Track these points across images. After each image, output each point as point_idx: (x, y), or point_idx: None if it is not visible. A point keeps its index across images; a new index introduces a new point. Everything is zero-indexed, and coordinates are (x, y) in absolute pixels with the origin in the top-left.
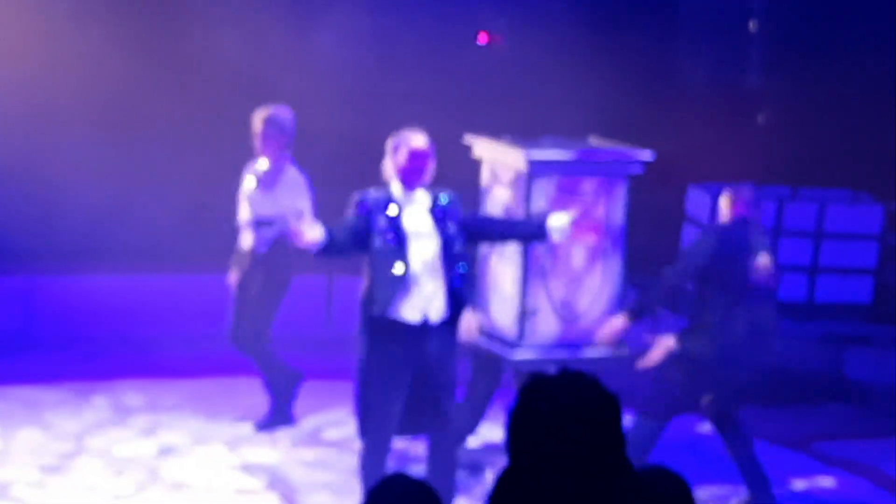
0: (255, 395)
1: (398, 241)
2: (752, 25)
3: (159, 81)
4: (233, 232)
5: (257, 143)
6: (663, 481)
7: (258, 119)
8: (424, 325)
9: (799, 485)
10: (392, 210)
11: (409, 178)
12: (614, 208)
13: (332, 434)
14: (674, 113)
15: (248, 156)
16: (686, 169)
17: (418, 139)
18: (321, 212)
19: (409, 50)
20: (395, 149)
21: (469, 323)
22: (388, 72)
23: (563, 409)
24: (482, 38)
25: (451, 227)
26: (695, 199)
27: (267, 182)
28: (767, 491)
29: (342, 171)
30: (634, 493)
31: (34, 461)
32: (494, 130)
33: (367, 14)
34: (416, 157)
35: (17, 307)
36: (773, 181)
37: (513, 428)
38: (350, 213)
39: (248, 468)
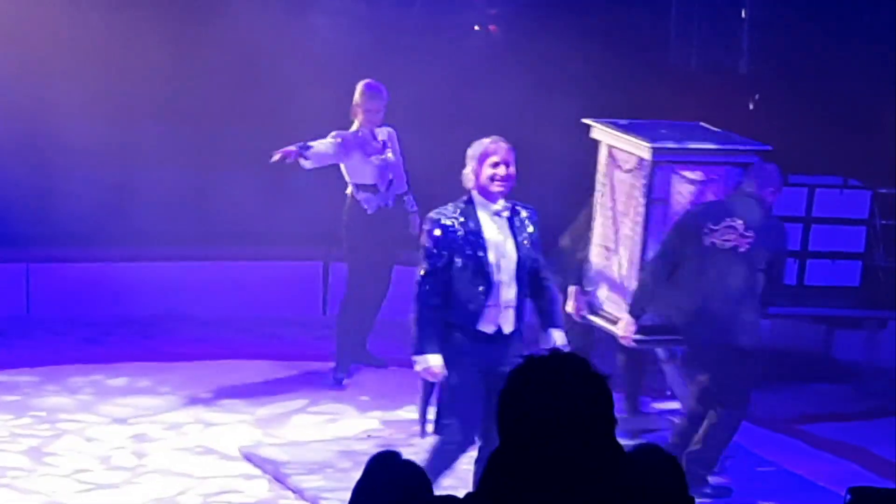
0: (246, 379)
1: (479, 255)
2: (744, 11)
3: (160, 64)
4: (230, 216)
5: (362, 113)
6: (654, 459)
7: (361, 91)
8: (498, 335)
9: (786, 465)
10: (472, 223)
11: (490, 189)
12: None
13: (320, 416)
14: (664, 97)
15: (247, 138)
16: None
17: (501, 149)
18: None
19: (408, 37)
20: (477, 158)
21: (577, 301)
22: (387, 58)
23: (554, 391)
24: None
25: (527, 240)
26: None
27: (374, 149)
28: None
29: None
30: (626, 473)
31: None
32: (489, 115)
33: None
34: (497, 168)
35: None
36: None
37: (504, 409)
38: (426, 241)
39: (236, 450)
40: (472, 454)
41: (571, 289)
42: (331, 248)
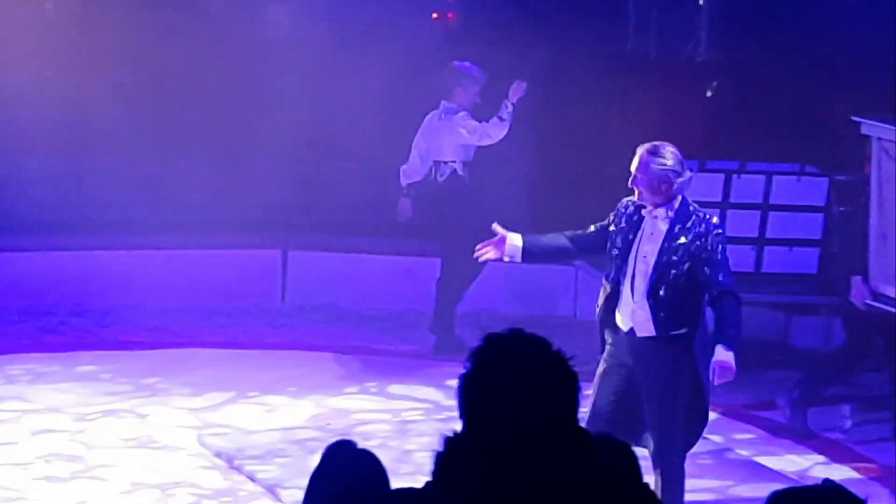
0: (198, 367)
1: (622, 252)
2: (700, 1)
3: (113, 51)
4: (187, 204)
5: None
6: (610, 450)
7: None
8: (631, 335)
9: (745, 452)
10: (636, 217)
11: (643, 195)
12: None
13: (264, 406)
14: (624, 86)
15: (203, 126)
16: (636, 141)
17: (635, 157)
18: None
19: (368, 26)
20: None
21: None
22: (345, 46)
23: (516, 372)
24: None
25: (678, 252)
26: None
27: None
28: None
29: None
30: (588, 458)
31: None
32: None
33: None
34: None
35: None
36: (722, 155)
37: (465, 390)
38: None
39: (187, 440)
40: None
41: (855, 279)
42: (290, 235)
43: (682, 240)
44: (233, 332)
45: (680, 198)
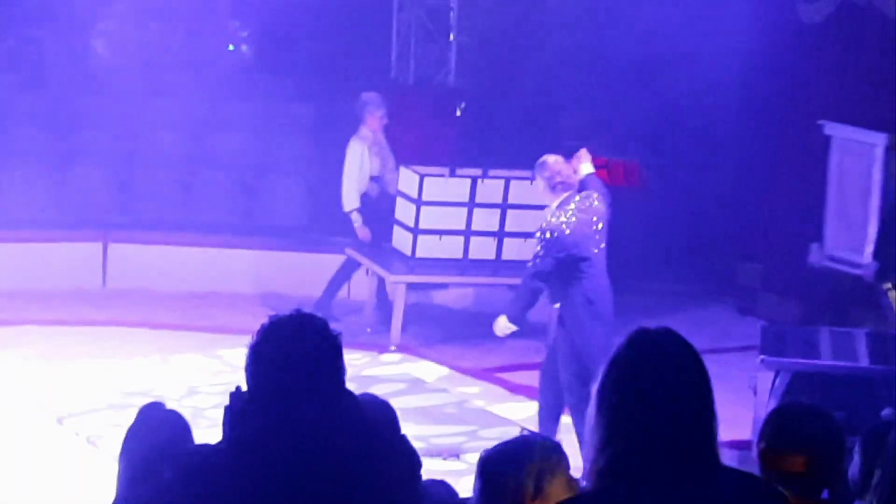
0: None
1: None
2: (451, 35)
3: None
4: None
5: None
6: (372, 407)
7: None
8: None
9: (480, 403)
10: None
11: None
12: None
13: (105, 365)
14: (388, 106)
15: (38, 141)
16: (403, 153)
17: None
18: None
19: (174, 56)
20: None
21: None
22: (157, 72)
23: (290, 345)
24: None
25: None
26: (405, 180)
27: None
28: None
29: (121, 151)
30: (353, 415)
31: None
32: (242, 122)
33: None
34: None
35: None
36: (468, 163)
37: (250, 360)
38: None
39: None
40: None
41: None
42: (109, 230)
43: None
44: (61, 312)
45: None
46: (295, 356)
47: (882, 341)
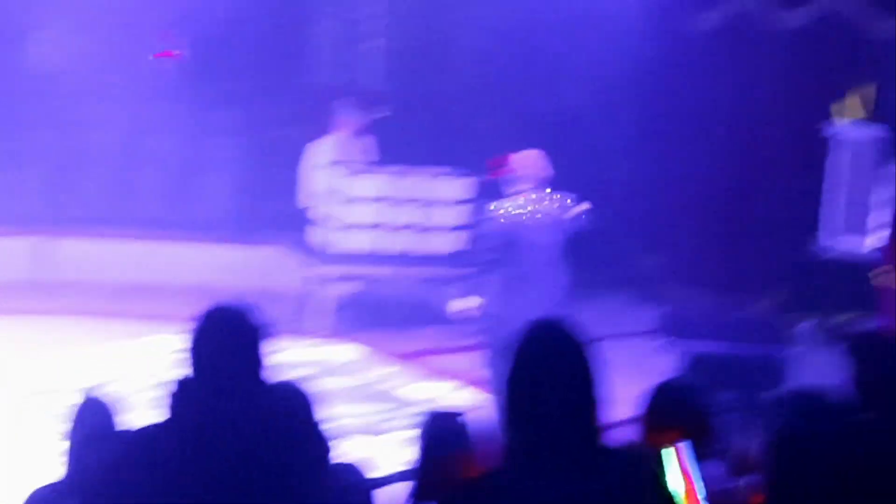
0: None
1: None
2: (375, 41)
3: None
4: None
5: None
6: (288, 392)
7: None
8: None
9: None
10: None
11: None
12: None
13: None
14: (311, 108)
15: None
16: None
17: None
18: None
19: (113, 63)
20: None
21: None
22: (92, 79)
23: (219, 332)
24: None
25: None
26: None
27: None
28: None
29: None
30: (269, 400)
31: None
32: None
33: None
34: None
35: None
36: (389, 162)
37: (184, 347)
38: None
39: None
40: None
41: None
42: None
43: None
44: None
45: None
46: (217, 343)
47: (772, 326)
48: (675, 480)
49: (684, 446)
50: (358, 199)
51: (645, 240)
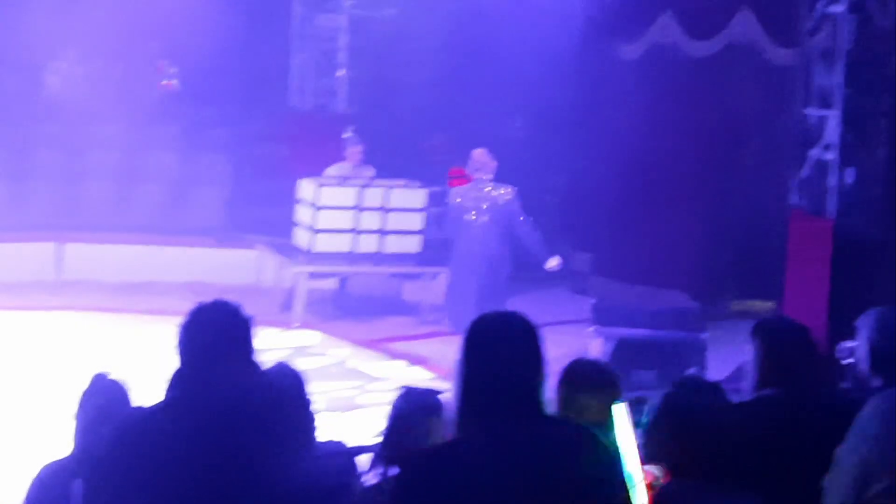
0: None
1: None
2: (341, 70)
3: None
4: None
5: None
6: (281, 374)
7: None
8: None
9: (369, 363)
10: None
11: None
12: None
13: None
14: (286, 132)
15: None
16: (298, 166)
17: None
18: None
19: (115, 88)
20: None
21: None
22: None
23: (210, 325)
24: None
25: None
26: (304, 189)
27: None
28: None
29: (68, 167)
30: (258, 381)
31: None
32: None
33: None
34: None
35: None
36: (357, 175)
37: (178, 339)
38: None
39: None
40: None
41: None
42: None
43: None
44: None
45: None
46: (214, 334)
47: (686, 313)
48: (622, 438)
49: (624, 406)
50: (329, 207)
51: (575, 240)
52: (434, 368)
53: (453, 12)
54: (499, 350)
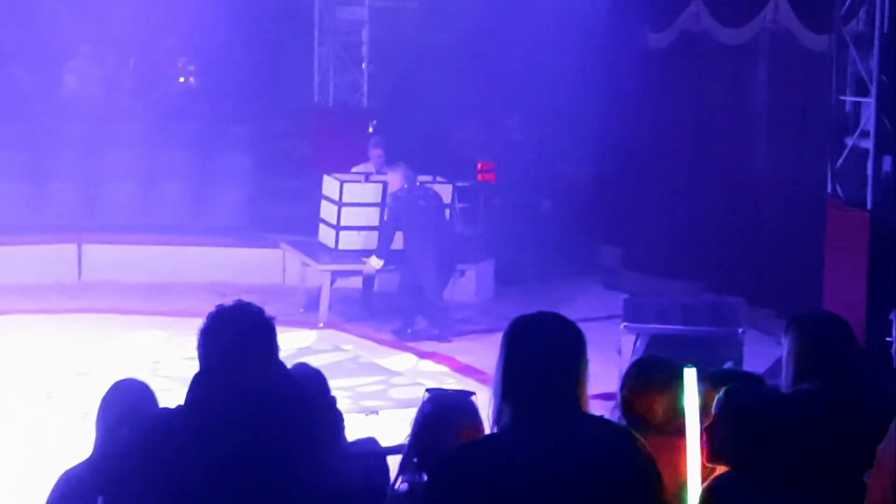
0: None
1: None
2: (363, 65)
3: None
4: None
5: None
6: (302, 374)
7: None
8: None
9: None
10: None
11: None
12: None
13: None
14: (312, 127)
15: (17, 161)
16: (321, 163)
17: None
18: None
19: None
20: None
21: None
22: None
23: (232, 327)
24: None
25: None
26: (328, 186)
27: None
28: None
29: (88, 167)
30: (284, 382)
31: None
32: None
33: None
34: None
35: None
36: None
37: (200, 341)
38: None
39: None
40: None
41: None
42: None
43: None
44: (41, 302)
45: None
46: (237, 336)
47: (721, 308)
48: (689, 403)
49: (694, 373)
50: (353, 204)
51: (605, 234)
52: (447, 361)
53: (476, 3)
54: (539, 347)
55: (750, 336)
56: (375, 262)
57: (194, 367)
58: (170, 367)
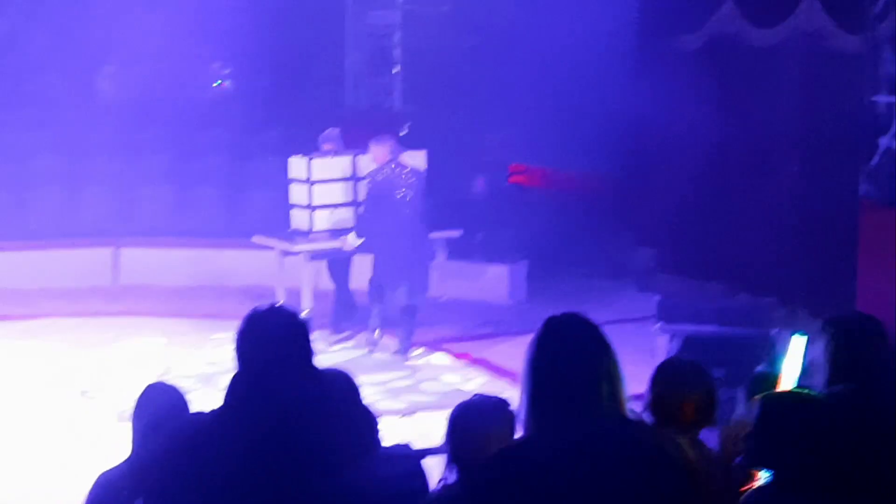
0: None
1: None
2: (396, 68)
3: None
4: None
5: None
6: (333, 378)
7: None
8: None
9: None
10: None
11: None
12: None
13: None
14: (344, 128)
15: (57, 165)
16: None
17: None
18: None
19: (165, 91)
20: None
21: None
22: (149, 104)
23: (267, 331)
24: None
25: None
26: (294, 167)
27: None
28: None
29: (122, 170)
30: (318, 386)
31: None
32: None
33: None
34: None
35: None
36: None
37: (236, 344)
38: None
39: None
40: None
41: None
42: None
43: None
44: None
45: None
46: (271, 340)
47: (755, 309)
48: (787, 368)
49: (804, 340)
50: (323, 181)
51: (639, 235)
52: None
53: (508, 6)
54: (558, 351)
55: (784, 337)
56: (353, 240)
57: (231, 370)
58: (201, 369)
